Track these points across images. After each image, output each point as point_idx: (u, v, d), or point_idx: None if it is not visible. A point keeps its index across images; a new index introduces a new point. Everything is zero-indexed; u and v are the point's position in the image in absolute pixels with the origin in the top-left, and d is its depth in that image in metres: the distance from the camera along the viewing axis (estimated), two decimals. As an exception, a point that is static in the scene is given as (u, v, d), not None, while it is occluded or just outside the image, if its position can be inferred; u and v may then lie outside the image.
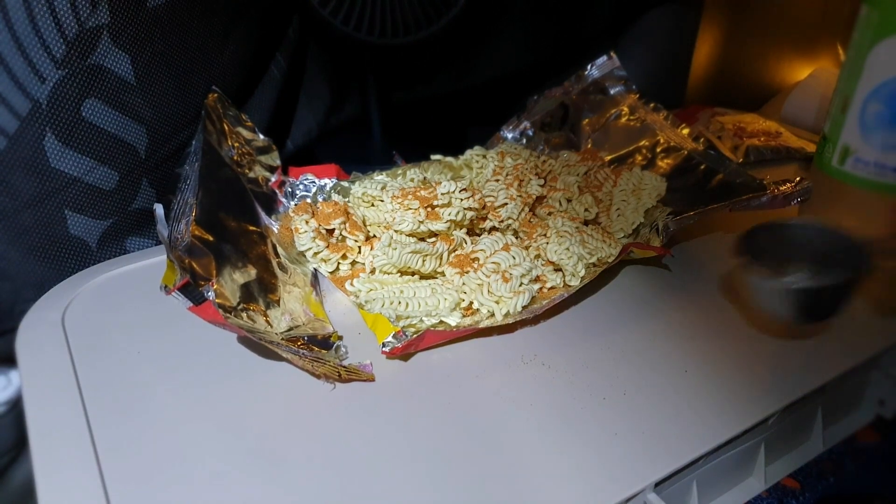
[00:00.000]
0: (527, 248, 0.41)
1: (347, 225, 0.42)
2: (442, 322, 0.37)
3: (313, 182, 0.47)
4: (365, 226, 0.44)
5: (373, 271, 0.40)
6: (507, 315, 0.36)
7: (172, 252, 0.32)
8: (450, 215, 0.41)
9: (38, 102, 0.37)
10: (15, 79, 0.36)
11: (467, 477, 0.28)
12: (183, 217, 0.36)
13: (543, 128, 0.56)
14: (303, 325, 0.36)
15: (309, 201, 0.46)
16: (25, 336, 0.36)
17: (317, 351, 0.33)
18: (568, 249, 0.39)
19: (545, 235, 0.41)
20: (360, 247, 0.43)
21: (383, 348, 0.34)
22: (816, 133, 0.61)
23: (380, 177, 0.48)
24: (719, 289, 0.39)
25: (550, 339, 0.36)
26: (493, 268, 0.38)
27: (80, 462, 0.28)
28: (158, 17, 0.41)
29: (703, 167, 0.48)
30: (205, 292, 0.32)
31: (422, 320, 0.36)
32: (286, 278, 0.39)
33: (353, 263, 0.43)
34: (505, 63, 0.67)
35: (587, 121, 0.56)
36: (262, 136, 0.47)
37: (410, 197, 0.42)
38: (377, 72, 0.59)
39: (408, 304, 0.37)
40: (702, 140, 0.57)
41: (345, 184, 0.48)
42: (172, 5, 0.41)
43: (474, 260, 0.39)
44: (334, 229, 0.42)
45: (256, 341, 0.31)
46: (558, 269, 0.40)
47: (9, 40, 0.35)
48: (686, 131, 0.53)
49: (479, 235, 0.43)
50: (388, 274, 0.40)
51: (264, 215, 0.44)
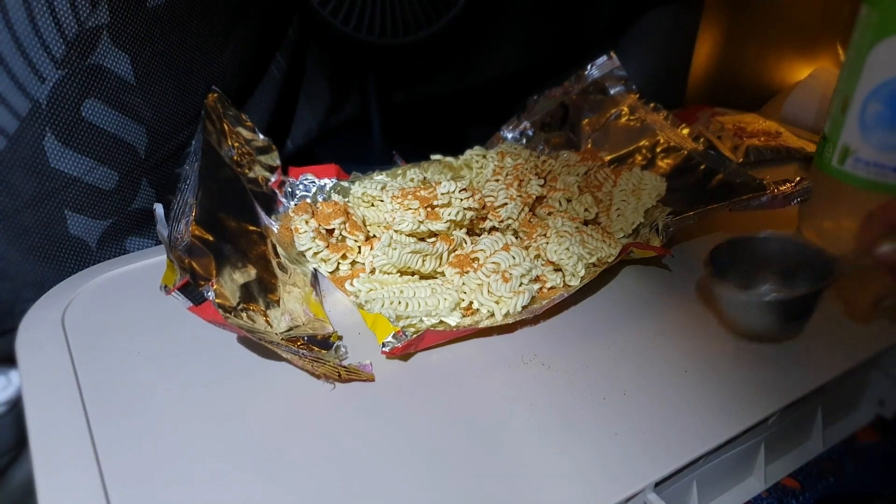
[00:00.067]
0: (527, 248, 0.41)
1: (347, 225, 0.42)
2: (442, 322, 0.37)
3: (313, 182, 0.47)
4: (365, 226, 0.44)
5: (373, 271, 0.40)
6: (506, 315, 0.36)
7: (172, 252, 0.32)
8: (450, 215, 0.41)
9: (37, 102, 0.37)
10: (15, 79, 0.36)
11: (467, 477, 0.28)
12: (183, 217, 0.36)
13: (543, 128, 0.56)
14: (303, 325, 0.36)
15: (309, 201, 0.46)
16: (25, 336, 0.36)
17: (317, 351, 0.33)
18: (568, 249, 0.39)
19: (545, 235, 0.41)
20: (359, 247, 0.43)
21: (383, 348, 0.34)
22: (816, 133, 0.61)
23: (380, 177, 0.48)
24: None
25: (550, 338, 0.36)
26: (492, 268, 0.38)
27: (80, 462, 0.28)
28: (158, 17, 0.41)
29: (703, 167, 0.48)
30: (205, 292, 0.32)
31: (422, 320, 0.36)
32: (286, 278, 0.39)
33: (353, 263, 0.43)
34: (505, 63, 0.67)
35: (587, 121, 0.56)
36: (261, 136, 0.47)
37: (410, 197, 0.42)
38: (377, 72, 0.59)
39: (408, 304, 0.37)
40: (702, 140, 0.57)
41: (345, 184, 0.48)
42: (172, 5, 0.41)
43: (474, 260, 0.39)
44: (334, 229, 0.42)
45: (256, 341, 0.31)
46: (558, 269, 0.40)
47: (8, 40, 0.35)
48: (686, 131, 0.53)
49: (479, 235, 0.43)
50: (388, 274, 0.40)
51: (264, 215, 0.44)
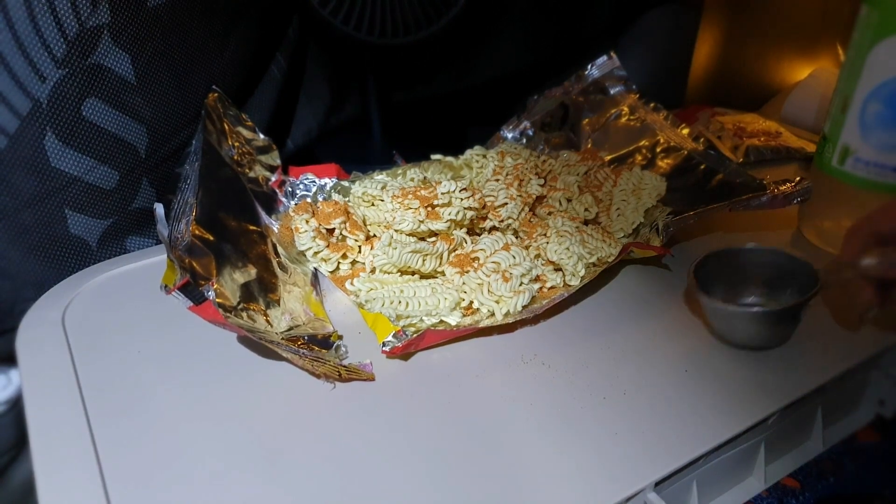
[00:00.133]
0: (527, 248, 0.41)
1: (348, 224, 0.42)
2: (442, 321, 0.37)
3: (313, 181, 0.47)
4: (365, 225, 0.44)
5: (373, 271, 0.40)
6: (507, 314, 0.36)
7: (172, 252, 0.32)
8: (450, 215, 0.41)
9: (38, 102, 0.37)
10: (15, 78, 0.36)
11: (467, 476, 0.28)
12: (183, 216, 0.36)
13: (543, 128, 0.56)
14: (303, 324, 0.36)
15: (309, 201, 0.46)
16: (26, 335, 0.36)
17: (317, 350, 0.33)
18: (568, 249, 0.39)
19: (545, 235, 0.41)
20: (360, 246, 0.43)
21: (383, 348, 0.34)
22: (816, 133, 0.61)
23: (380, 176, 0.48)
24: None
25: (550, 338, 0.36)
26: (493, 267, 0.38)
27: (80, 461, 0.28)
28: (159, 16, 0.41)
29: (703, 167, 0.48)
30: (205, 292, 0.32)
31: (422, 320, 0.37)
32: (286, 278, 0.39)
33: (354, 263, 0.43)
34: (505, 63, 0.67)
35: (587, 121, 0.56)
36: (262, 136, 0.47)
37: (411, 196, 0.42)
38: (377, 72, 0.59)
39: (408, 304, 0.37)
40: (702, 140, 0.57)
41: (345, 183, 0.48)
42: (173, 5, 0.41)
43: (474, 259, 0.39)
44: (334, 229, 0.42)
45: (256, 341, 0.31)
46: (558, 269, 0.40)
47: (9, 39, 0.35)
48: (686, 131, 0.53)
49: (480, 235, 0.43)
50: (389, 273, 0.40)
51: (264, 215, 0.44)
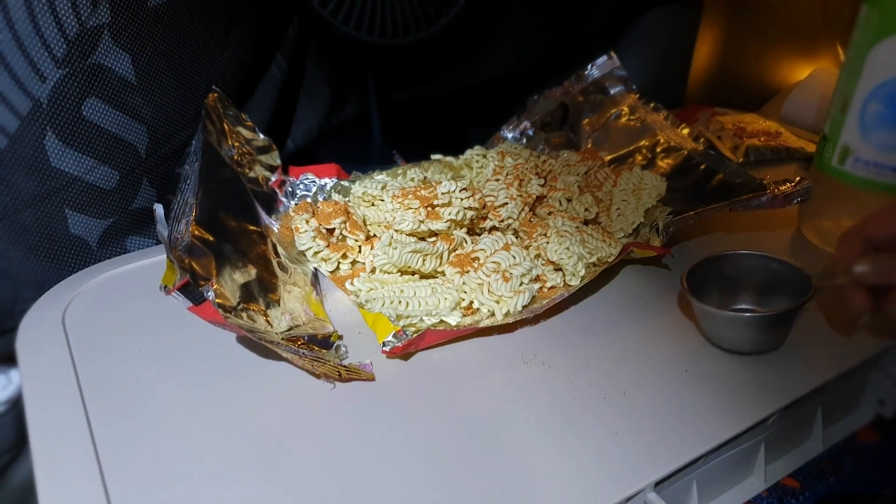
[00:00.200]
0: (527, 248, 0.41)
1: (348, 224, 0.42)
2: (442, 321, 0.37)
3: (314, 181, 0.47)
4: (365, 225, 0.44)
5: (373, 271, 0.40)
6: (507, 314, 0.36)
7: (172, 252, 0.32)
8: (450, 215, 0.41)
9: (38, 101, 0.37)
10: (16, 78, 0.36)
11: (467, 476, 0.28)
12: (183, 217, 0.36)
13: (543, 128, 0.56)
14: (303, 324, 0.36)
15: (309, 201, 0.46)
16: (26, 335, 0.36)
17: (317, 350, 0.33)
18: (568, 249, 0.39)
19: (545, 235, 0.41)
20: (360, 246, 0.43)
21: (383, 347, 0.34)
22: (816, 133, 0.61)
23: (380, 176, 0.48)
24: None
25: (551, 338, 0.36)
26: (493, 267, 0.38)
27: (80, 461, 0.28)
28: (159, 16, 0.41)
29: (703, 167, 0.48)
30: (205, 292, 0.32)
31: (422, 319, 0.37)
32: (286, 278, 0.39)
33: (354, 263, 0.43)
34: (505, 63, 0.67)
35: (587, 121, 0.56)
36: (262, 136, 0.47)
37: (411, 196, 0.42)
38: (377, 72, 0.59)
39: (408, 304, 0.37)
40: (702, 140, 0.57)
41: (345, 183, 0.48)
42: (173, 5, 0.41)
43: (474, 259, 0.39)
44: (335, 229, 0.42)
45: (256, 341, 0.31)
46: (558, 269, 0.40)
47: (10, 39, 0.35)
48: (686, 131, 0.53)
49: (480, 235, 0.43)
50: (389, 273, 0.40)
51: (264, 215, 0.44)
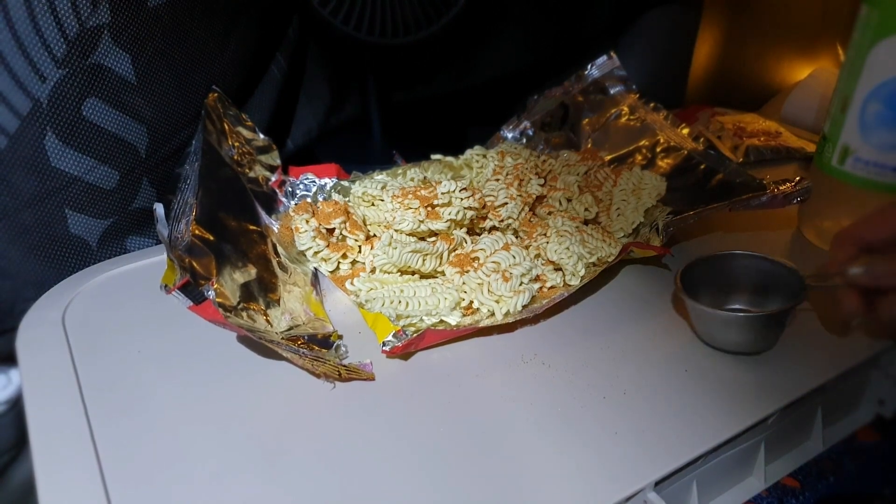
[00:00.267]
0: (527, 248, 0.41)
1: (348, 224, 0.42)
2: (442, 321, 0.37)
3: (313, 181, 0.47)
4: (365, 225, 0.44)
5: (373, 270, 0.40)
6: (507, 314, 0.36)
7: (172, 251, 0.32)
8: (450, 214, 0.41)
9: (38, 101, 0.37)
10: (16, 78, 0.36)
11: (467, 476, 0.28)
12: (183, 216, 0.36)
13: (543, 127, 0.56)
14: (303, 324, 0.36)
15: (309, 201, 0.46)
16: (26, 335, 0.36)
17: (317, 350, 0.33)
18: (568, 249, 0.39)
19: (545, 235, 0.41)
20: (360, 246, 0.43)
21: (383, 347, 0.34)
22: (816, 133, 0.61)
23: (380, 176, 0.48)
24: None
25: (550, 338, 0.36)
26: (493, 267, 0.38)
27: (80, 461, 0.28)
28: (159, 16, 0.41)
29: (702, 167, 0.48)
30: (205, 291, 0.32)
31: (422, 319, 0.37)
32: (286, 277, 0.39)
33: (354, 263, 0.43)
34: (505, 63, 0.67)
35: (587, 120, 0.56)
36: (262, 136, 0.47)
37: (411, 196, 0.42)
38: (377, 72, 0.59)
39: (408, 304, 0.37)
40: (702, 140, 0.57)
41: (345, 183, 0.48)
42: (173, 5, 0.41)
43: (474, 259, 0.39)
44: (334, 228, 0.42)
45: (256, 340, 0.31)
46: (558, 269, 0.40)
47: (10, 39, 0.35)
48: (686, 131, 0.53)
49: (480, 235, 0.43)
50: (389, 273, 0.40)
51: (264, 215, 0.44)
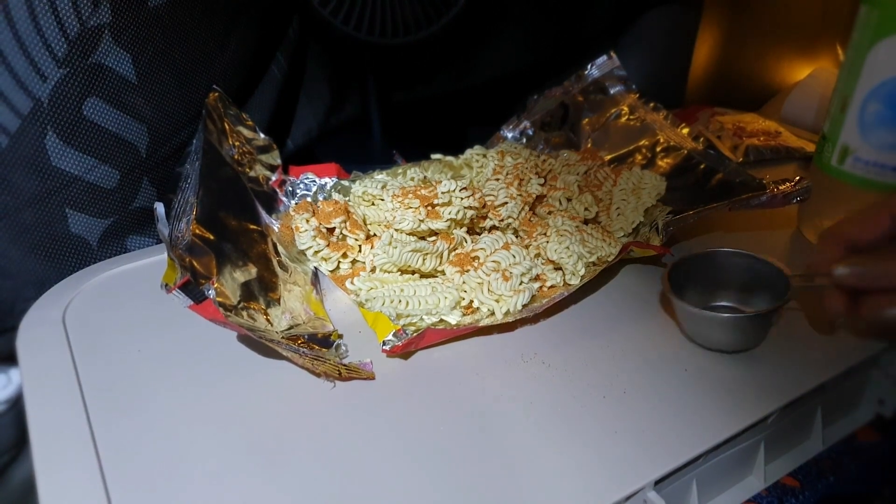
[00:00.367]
0: (527, 247, 0.41)
1: (348, 224, 0.42)
2: (442, 320, 0.37)
3: (314, 181, 0.47)
4: (365, 224, 0.44)
5: (373, 270, 0.40)
6: (507, 313, 0.36)
7: (173, 251, 0.32)
8: (450, 214, 0.41)
9: (39, 101, 0.37)
10: (17, 77, 0.36)
11: (467, 475, 0.28)
12: (184, 216, 0.36)
13: (543, 127, 0.56)
14: (303, 323, 0.36)
15: (309, 200, 0.46)
16: (26, 334, 0.36)
17: (317, 349, 0.33)
18: (568, 248, 0.39)
19: (545, 234, 0.41)
20: (360, 245, 0.43)
21: (384, 346, 0.34)
22: (816, 133, 0.61)
23: (380, 176, 0.48)
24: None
25: (550, 337, 0.36)
26: (493, 266, 0.38)
27: (80, 460, 0.28)
28: (159, 16, 0.41)
29: (702, 166, 0.48)
30: (205, 291, 0.32)
31: (422, 319, 0.37)
32: (287, 277, 0.39)
33: (354, 262, 0.43)
34: (505, 63, 0.68)
35: (587, 120, 0.56)
36: (262, 136, 0.47)
37: (411, 196, 0.42)
38: (377, 72, 0.59)
39: (408, 303, 0.37)
40: (701, 140, 0.57)
41: (345, 183, 0.48)
42: (173, 5, 0.41)
43: (474, 259, 0.39)
44: (335, 228, 0.42)
45: (257, 340, 0.31)
46: (558, 268, 0.40)
47: (10, 39, 0.35)
48: (686, 131, 0.53)
49: (480, 234, 0.43)
50: (389, 272, 0.40)
51: (265, 214, 0.44)
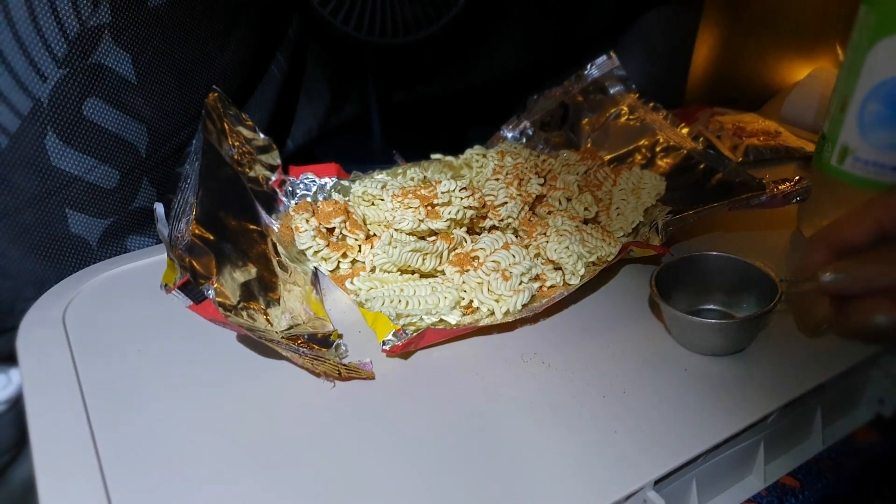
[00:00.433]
0: (527, 247, 0.41)
1: (348, 224, 0.42)
2: (442, 320, 0.37)
3: (314, 181, 0.47)
4: (365, 224, 0.44)
5: (373, 270, 0.40)
6: (506, 313, 0.36)
7: (173, 251, 0.32)
8: (450, 214, 0.41)
9: (39, 101, 0.37)
10: (16, 77, 0.36)
11: (467, 475, 0.28)
12: (183, 216, 0.36)
13: (543, 127, 0.56)
14: (303, 323, 0.36)
15: (309, 200, 0.46)
16: (26, 334, 0.36)
17: (317, 349, 0.33)
18: (568, 248, 0.39)
19: (545, 234, 0.41)
20: (360, 245, 0.43)
21: (383, 346, 0.34)
22: (816, 132, 0.61)
23: (380, 176, 0.48)
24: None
25: (550, 337, 0.36)
26: (492, 266, 0.38)
27: (80, 460, 0.28)
28: (159, 16, 0.41)
29: (702, 166, 0.48)
30: (205, 291, 0.32)
31: (422, 318, 0.37)
32: (286, 277, 0.39)
33: (354, 262, 0.43)
34: (505, 63, 0.68)
35: (587, 120, 0.56)
36: (262, 136, 0.47)
37: (411, 196, 0.42)
38: (377, 72, 0.59)
39: (408, 303, 0.37)
40: (701, 139, 0.57)
41: (345, 183, 0.48)
42: (173, 5, 0.41)
43: (474, 258, 0.39)
44: (335, 228, 0.42)
45: (256, 340, 0.31)
46: (558, 268, 0.40)
47: (10, 39, 0.35)
48: (685, 131, 0.53)
49: (479, 234, 0.43)
50: (389, 272, 0.40)
51: (265, 214, 0.44)
